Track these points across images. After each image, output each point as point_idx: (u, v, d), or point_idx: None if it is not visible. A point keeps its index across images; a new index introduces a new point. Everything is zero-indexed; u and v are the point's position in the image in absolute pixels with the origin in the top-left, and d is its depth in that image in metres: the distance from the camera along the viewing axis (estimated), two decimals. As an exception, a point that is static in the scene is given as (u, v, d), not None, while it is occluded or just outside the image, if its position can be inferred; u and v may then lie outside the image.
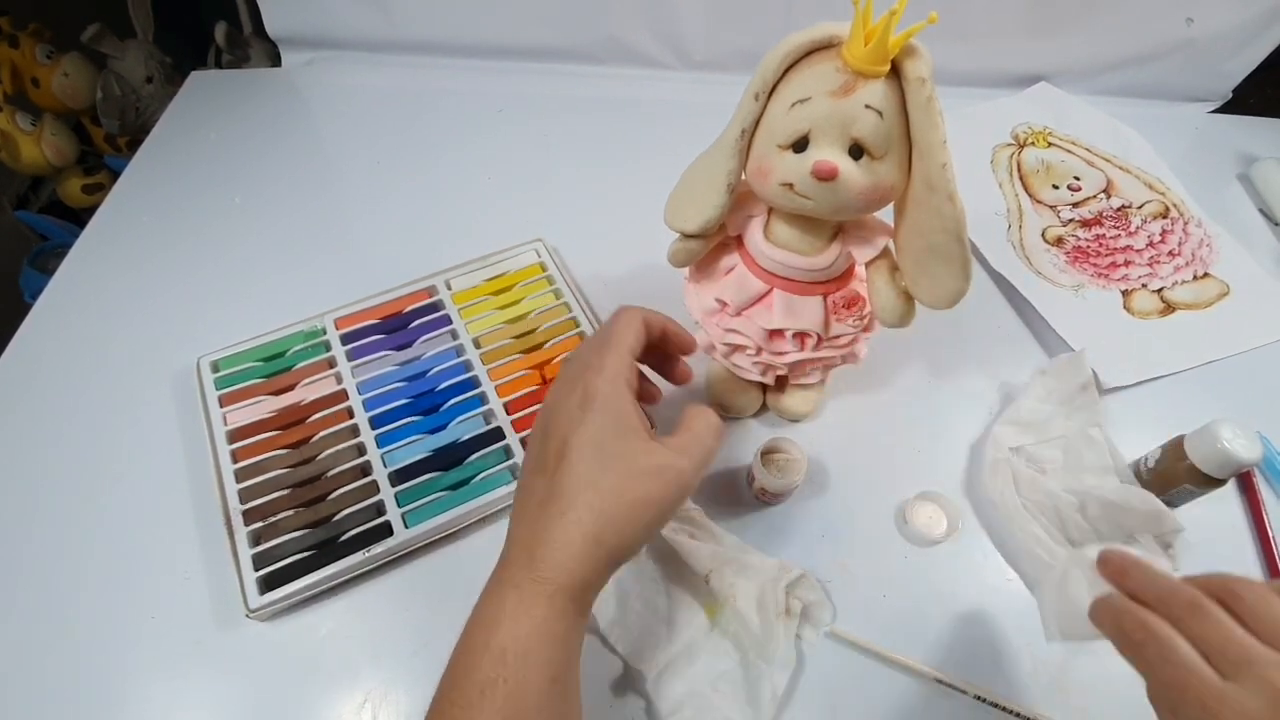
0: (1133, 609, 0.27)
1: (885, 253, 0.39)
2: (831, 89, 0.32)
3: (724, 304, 0.43)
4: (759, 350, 0.44)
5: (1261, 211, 0.69)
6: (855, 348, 0.45)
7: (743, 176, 0.37)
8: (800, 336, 0.42)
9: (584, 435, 0.30)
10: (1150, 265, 0.62)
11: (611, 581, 0.40)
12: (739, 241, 0.42)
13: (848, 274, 0.42)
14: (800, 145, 0.33)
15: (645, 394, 0.36)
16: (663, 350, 0.36)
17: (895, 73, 0.32)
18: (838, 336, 0.42)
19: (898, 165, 0.34)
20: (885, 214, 0.38)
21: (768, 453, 0.45)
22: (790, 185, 0.34)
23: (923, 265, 0.36)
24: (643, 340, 0.33)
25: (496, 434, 0.48)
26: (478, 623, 0.29)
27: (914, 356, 0.55)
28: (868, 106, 0.32)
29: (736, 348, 0.45)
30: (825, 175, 0.32)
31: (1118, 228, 0.65)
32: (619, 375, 0.31)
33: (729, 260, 0.42)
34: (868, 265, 0.40)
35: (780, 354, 0.43)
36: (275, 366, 0.52)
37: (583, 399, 0.30)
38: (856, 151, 0.33)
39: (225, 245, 0.63)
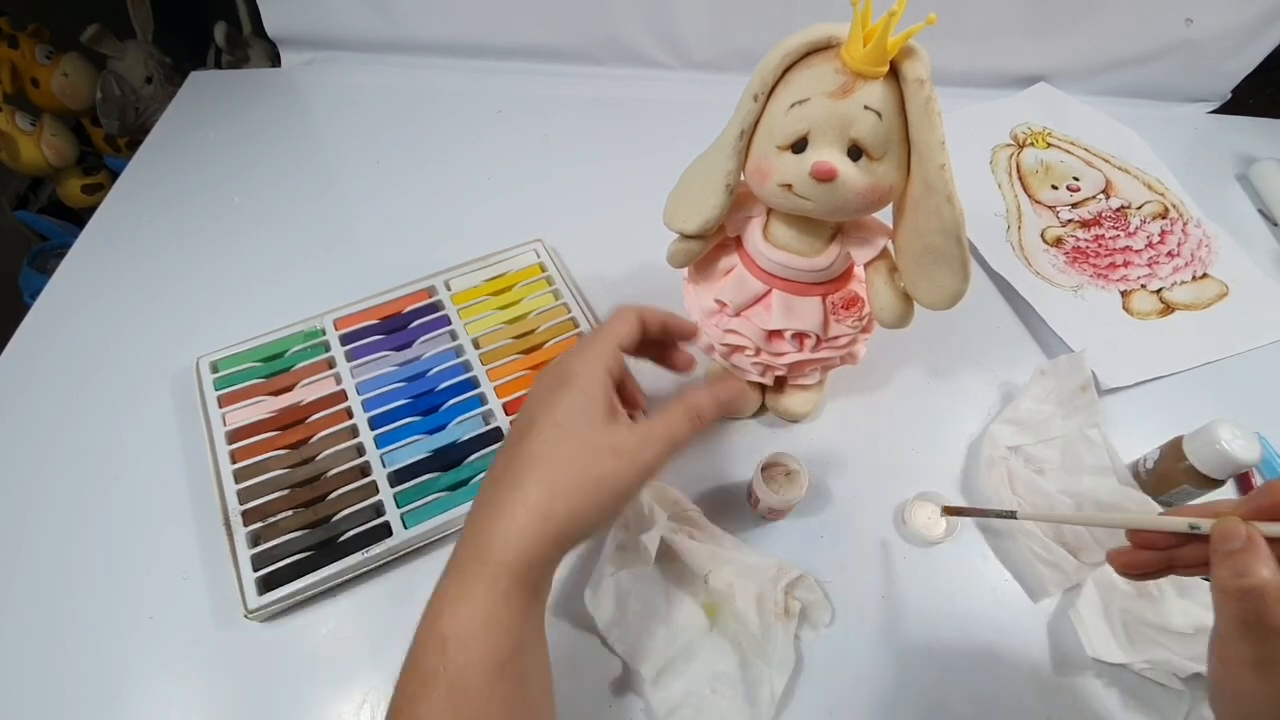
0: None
1: (884, 253, 0.39)
2: (830, 90, 0.32)
3: (723, 304, 0.43)
4: (758, 351, 0.44)
5: (1260, 212, 0.69)
6: (854, 348, 0.45)
7: (741, 177, 0.37)
8: (799, 337, 0.43)
9: (549, 413, 0.30)
10: (1149, 266, 0.62)
11: (610, 581, 0.41)
12: (738, 242, 0.42)
13: (846, 275, 0.42)
14: (799, 146, 0.33)
15: (628, 396, 0.36)
16: (665, 342, 0.37)
17: (894, 73, 0.32)
18: (836, 337, 0.42)
19: (897, 166, 0.34)
20: (884, 214, 0.38)
21: (767, 468, 0.45)
22: (789, 186, 0.34)
23: (921, 266, 0.36)
24: (635, 335, 0.34)
25: (496, 434, 0.48)
26: (428, 609, 0.28)
27: (913, 357, 0.55)
28: (866, 107, 0.32)
29: (735, 348, 0.45)
30: (824, 176, 0.32)
31: (1117, 228, 0.66)
32: (598, 359, 0.31)
33: (728, 261, 0.42)
34: (866, 266, 0.40)
35: (779, 354, 0.43)
36: (274, 367, 0.52)
37: (557, 381, 0.31)
38: (855, 152, 0.33)
39: (224, 245, 0.63)
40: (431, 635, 0.27)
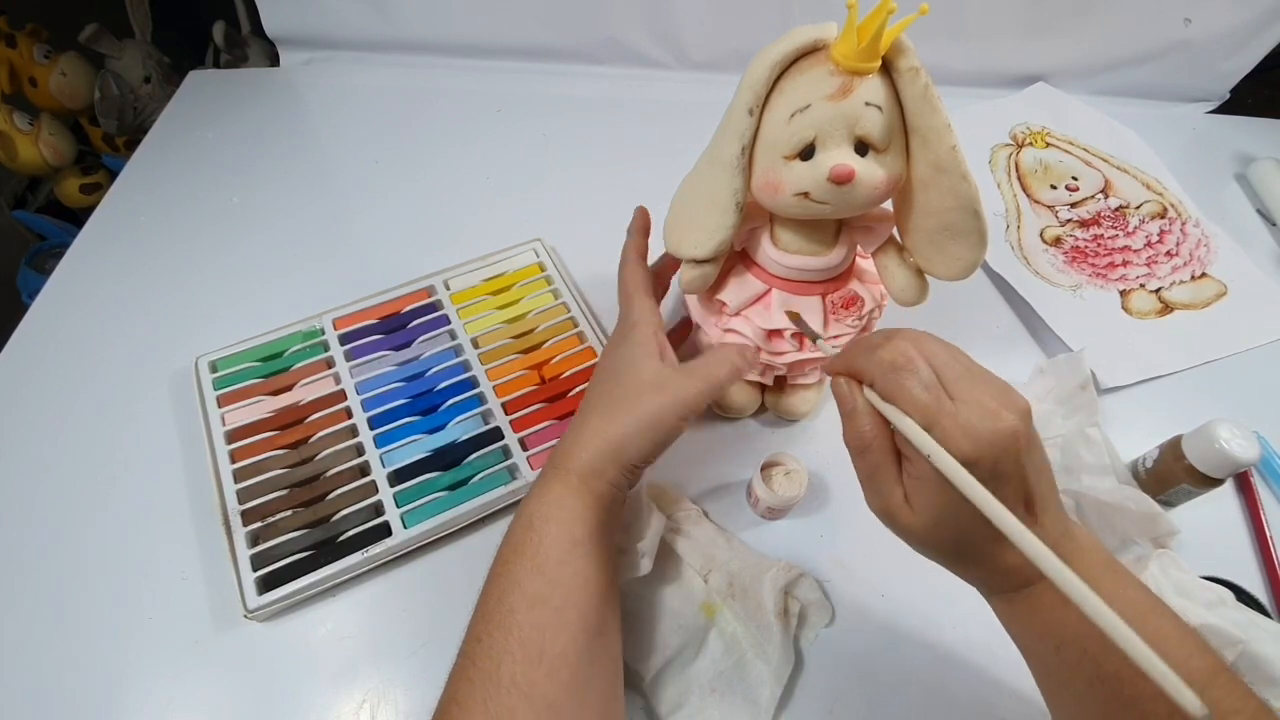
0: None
1: (890, 238, 0.40)
2: (829, 93, 0.32)
3: (723, 304, 0.43)
4: (758, 350, 0.44)
5: (1259, 212, 0.69)
6: (854, 348, 0.45)
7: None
8: (799, 336, 0.43)
9: (610, 364, 0.39)
10: (1148, 265, 0.63)
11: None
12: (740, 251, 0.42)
13: (847, 273, 0.42)
14: (807, 153, 0.33)
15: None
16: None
17: (883, 66, 0.32)
18: (836, 336, 0.43)
19: (900, 154, 0.34)
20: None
21: (766, 467, 0.45)
22: (806, 194, 0.34)
23: (937, 243, 0.37)
24: (650, 276, 0.42)
25: (495, 434, 0.48)
26: (519, 508, 0.36)
27: (912, 356, 0.55)
28: (868, 104, 0.32)
29: (735, 348, 0.45)
30: (843, 179, 0.32)
31: (1116, 228, 0.66)
32: (645, 318, 0.40)
33: (727, 262, 0.42)
34: (875, 253, 0.40)
35: (779, 354, 0.43)
36: (273, 367, 0.52)
37: (621, 337, 0.40)
38: (861, 149, 0.33)
39: (223, 245, 0.63)
40: (521, 517, 0.35)
